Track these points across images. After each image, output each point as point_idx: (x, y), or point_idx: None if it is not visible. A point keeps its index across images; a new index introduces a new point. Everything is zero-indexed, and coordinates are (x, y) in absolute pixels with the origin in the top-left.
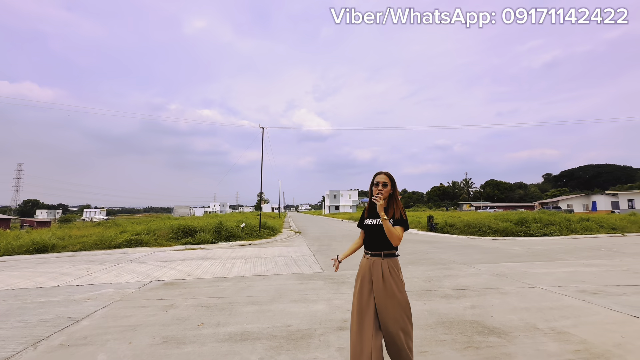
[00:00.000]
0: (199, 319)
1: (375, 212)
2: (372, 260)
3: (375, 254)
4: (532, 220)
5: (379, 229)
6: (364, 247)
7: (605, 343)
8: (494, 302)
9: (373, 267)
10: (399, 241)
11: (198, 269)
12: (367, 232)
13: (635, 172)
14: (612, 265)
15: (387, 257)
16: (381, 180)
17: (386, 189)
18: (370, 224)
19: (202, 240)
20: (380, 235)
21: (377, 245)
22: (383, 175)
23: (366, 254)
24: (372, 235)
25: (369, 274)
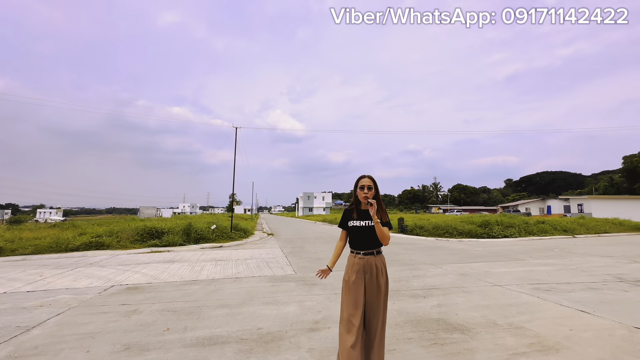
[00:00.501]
0: (165, 324)
1: (364, 214)
2: (365, 259)
3: (368, 252)
4: (495, 223)
5: (371, 230)
6: (353, 247)
7: (555, 336)
8: (458, 301)
9: (367, 265)
10: (389, 241)
11: (164, 272)
12: (356, 233)
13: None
14: (564, 265)
15: (379, 255)
16: (366, 184)
17: (371, 192)
18: (359, 225)
19: (170, 242)
20: (372, 235)
21: (370, 245)
22: (367, 179)
23: (358, 254)
24: (363, 236)
25: (363, 271)
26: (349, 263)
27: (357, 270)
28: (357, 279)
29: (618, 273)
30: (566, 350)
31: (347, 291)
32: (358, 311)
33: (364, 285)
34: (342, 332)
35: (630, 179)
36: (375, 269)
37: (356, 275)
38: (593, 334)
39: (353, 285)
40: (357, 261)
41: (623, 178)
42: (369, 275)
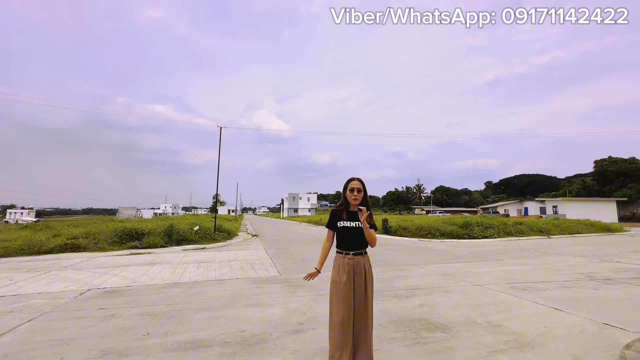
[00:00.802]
0: (145, 329)
1: (353, 215)
2: (355, 259)
3: (357, 252)
4: (475, 224)
5: (360, 231)
6: (342, 247)
7: (531, 333)
8: (440, 300)
9: (357, 265)
10: (376, 243)
11: (145, 275)
12: (345, 233)
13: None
14: (539, 264)
15: (366, 255)
16: (356, 186)
17: (361, 194)
18: (349, 226)
19: (151, 244)
20: (361, 236)
21: (359, 245)
22: (357, 182)
23: (347, 254)
24: (351, 237)
25: (352, 271)
26: (338, 264)
27: (347, 270)
28: (348, 279)
29: (589, 272)
30: (541, 347)
31: (337, 292)
32: (350, 312)
33: (353, 286)
34: (333, 335)
35: (600, 182)
36: (364, 269)
37: (347, 276)
38: (566, 331)
39: (344, 286)
40: (347, 261)
41: (594, 181)
42: (357, 275)
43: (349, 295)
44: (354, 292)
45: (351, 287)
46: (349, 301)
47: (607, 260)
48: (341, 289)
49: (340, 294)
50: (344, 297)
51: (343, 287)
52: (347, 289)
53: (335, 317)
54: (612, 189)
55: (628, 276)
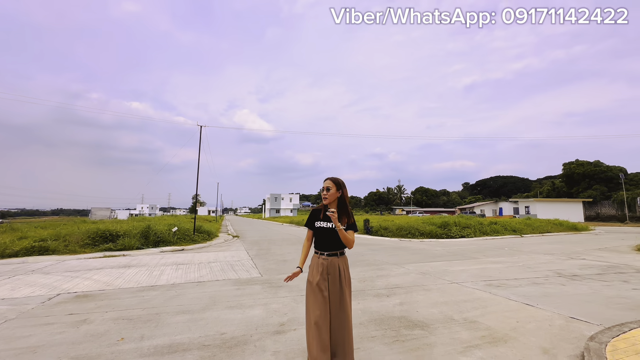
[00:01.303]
0: (119, 334)
1: (328, 217)
2: (328, 260)
3: (332, 253)
4: (453, 224)
5: (334, 232)
6: (318, 247)
7: (504, 328)
8: (419, 299)
9: (330, 266)
10: (353, 244)
11: (119, 278)
12: (321, 234)
13: (531, 183)
14: (512, 262)
15: (342, 256)
16: (325, 185)
17: (330, 192)
18: (325, 226)
19: (126, 246)
20: (335, 237)
21: (333, 246)
22: (328, 181)
23: (322, 254)
24: (327, 237)
25: (326, 272)
26: (313, 264)
27: (321, 271)
28: (321, 280)
29: (557, 269)
30: (513, 341)
31: (311, 293)
32: (324, 313)
33: (327, 286)
34: (310, 335)
35: (568, 184)
36: (338, 270)
37: (320, 277)
38: (536, 325)
39: (317, 287)
40: (321, 262)
41: (563, 183)
42: (332, 276)
43: (323, 296)
44: (329, 292)
45: (325, 287)
46: (324, 302)
47: (574, 257)
48: (315, 290)
49: (314, 295)
50: (318, 298)
51: (316, 288)
52: (321, 289)
53: (310, 319)
54: (579, 190)
55: (593, 272)
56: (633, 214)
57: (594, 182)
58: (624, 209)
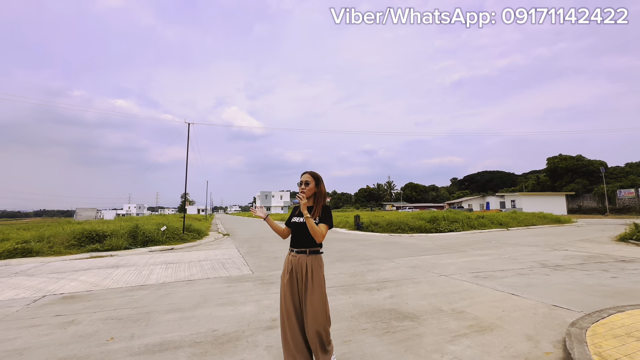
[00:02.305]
0: (108, 334)
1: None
2: (297, 257)
3: (300, 251)
4: (442, 219)
5: (304, 227)
6: (290, 244)
7: (491, 317)
8: (409, 291)
9: (298, 264)
10: (322, 238)
11: (107, 279)
12: (294, 229)
13: (517, 178)
14: (499, 254)
15: (312, 254)
16: (304, 179)
17: (308, 187)
18: (297, 221)
19: (114, 246)
20: (305, 232)
21: (302, 243)
22: (307, 175)
23: (291, 252)
24: (297, 233)
25: (295, 270)
26: (285, 261)
27: (290, 269)
28: (290, 277)
29: (542, 260)
30: (499, 329)
31: (282, 289)
32: (292, 310)
33: (296, 285)
34: (282, 332)
35: (552, 178)
36: (306, 269)
37: (289, 275)
38: (521, 314)
39: (286, 284)
40: (290, 259)
41: (547, 177)
42: (300, 275)
43: (291, 293)
44: (298, 290)
45: (294, 286)
46: (292, 300)
47: (557, 249)
48: (284, 286)
49: (283, 292)
50: (287, 296)
51: (286, 285)
52: (289, 287)
53: (281, 316)
54: (562, 184)
55: (574, 262)
56: (613, 206)
57: (577, 175)
58: (604, 201)
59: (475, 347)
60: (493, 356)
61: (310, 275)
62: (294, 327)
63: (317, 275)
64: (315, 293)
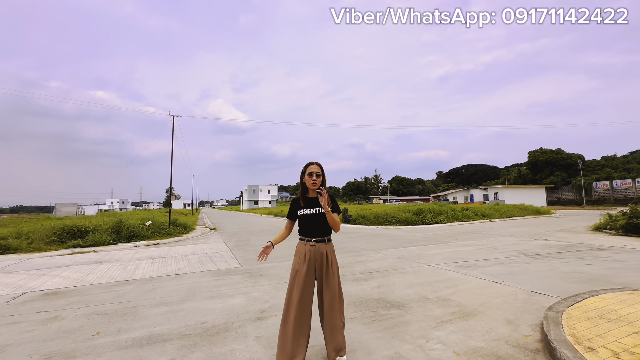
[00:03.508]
0: (94, 329)
1: (312, 202)
2: (316, 246)
3: (319, 240)
4: (427, 211)
5: (321, 217)
6: (304, 234)
7: (474, 304)
8: (395, 281)
9: (318, 252)
10: (340, 227)
11: (91, 274)
12: (306, 221)
13: (499, 171)
14: (482, 245)
15: (329, 242)
16: (315, 170)
17: (320, 179)
18: (309, 213)
19: (97, 241)
20: (322, 222)
21: (321, 232)
22: (316, 166)
23: (309, 241)
24: (313, 224)
25: (314, 259)
26: (299, 251)
27: (308, 258)
28: (308, 268)
29: (522, 249)
30: (481, 315)
31: (297, 280)
32: (307, 300)
33: (314, 274)
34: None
35: (533, 171)
36: (326, 257)
37: (307, 265)
38: (502, 300)
39: (304, 275)
40: (308, 249)
41: (528, 170)
42: (319, 263)
43: (308, 283)
44: (315, 280)
45: (312, 275)
46: (309, 290)
47: (537, 238)
48: (301, 277)
49: (299, 282)
50: (301, 285)
51: (303, 274)
52: (307, 277)
53: (289, 307)
54: (542, 177)
55: (553, 251)
56: (589, 197)
57: (556, 168)
58: (581, 193)
59: (458, 332)
60: (475, 340)
61: (330, 261)
62: (306, 316)
63: (334, 260)
64: (335, 277)
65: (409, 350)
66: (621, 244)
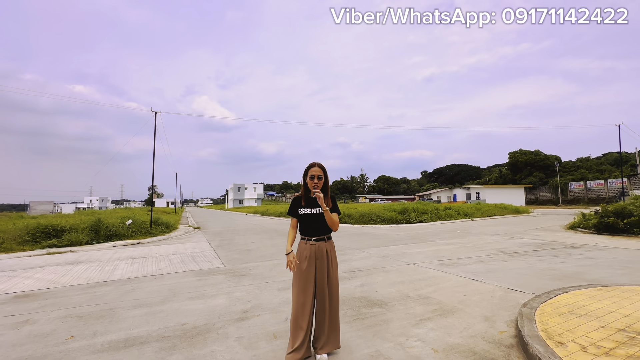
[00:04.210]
0: (68, 332)
1: (313, 202)
2: (316, 245)
3: (319, 238)
4: (412, 210)
5: (321, 217)
6: (305, 234)
7: (453, 301)
8: (378, 280)
9: (318, 250)
10: (338, 226)
11: (66, 275)
12: (306, 220)
13: (481, 171)
14: (463, 243)
15: (329, 240)
16: (316, 173)
17: (321, 181)
18: (310, 213)
19: (73, 241)
20: (322, 222)
21: (321, 231)
22: (318, 169)
23: (309, 240)
24: (313, 223)
25: (315, 257)
26: (301, 249)
27: (309, 256)
28: (309, 265)
29: (501, 247)
30: (460, 312)
31: (298, 278)
32: (309, 298)
33: (314, 271)
34: (294, 319)
35: (513, 171)
36: (326, 254)
37: (308, 262)
38: (480, 297)
39: (305, 272)
40: (309, 247)
41: (509, 170)
42: (319, 261)
43: (308, 281)
44: (315, 277)
45: (312, 272)
46: (308, 287)
47: (516, 237)
48: (302, 275)
49: (300, 280)
50: (303, 283)
51: (304, 273)
52: (307, 275)
53: (296, 303)
54: (522, 177)
55: (530, 249)
56: (565, 197)
57: (534, 169)
58: (558, 193)
59: (438, 330)
60: (454, 337)
61: (330, 258)
62: (309, 313)
63: (334, 257)
64: (334, 273)
65: (389, 348)
66: (593, 242)
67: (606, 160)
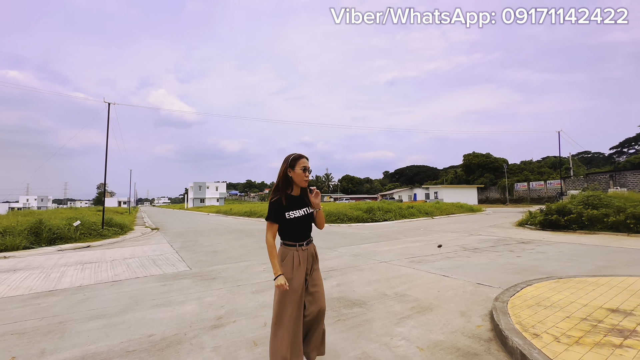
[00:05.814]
0: (8, 353)
1: (296, 202)
2: (307, 249)
3: (309, 242)
4: (377, 209)
5: (309, 218)
6: (294, 239)
7: (429, 297)
8: (354, 279)
9: (309, 255)
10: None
11: (1, 285)
12: (296, 224)
13: (439, 172)
14: (428, 240)
15: (312, 241)
16: (307, 165)
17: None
18: (299, 215)
19: (8, 246)
20: (309, 224)
21: (308, 234)
22: (305, 160)
23: (300, 246)
24: (304, 226)
25: (305, 262)
26: (291, 258)
27: (302, 263)
28: (300, 274)
29: (463, 244)
30: (437, 308)
31: (290, 292)
32: (300, 310)
33: (305, 275)
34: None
35: (467, 172)
36: (315, 256)
37: (299, 272)
38: (453, 293)
39: (298, 282)
40: (301, 254)
41: (463, 171)
42: (310, 265)
43: (300, 293)
44: (306, 284)
45: (301, 277)
46: (300, 299)
47: (474, 234)
48: (295, 285)
49: (293, 294)
50: (297, 296)
51: (298, 285)
52: (299, 286)
53: (283, 318)
54: (474, 178)
55: (488, 245)
56: (511, 197)
57: (485, 171)
58: (505, 193)
59: (419, 327)
60: (435, 333)
61: (316, 259)
62: (299, 329)
63: (318, 257)
64: (319, 273)
65: (376, 349)
66: (540, 237)
67: (545, 164)
